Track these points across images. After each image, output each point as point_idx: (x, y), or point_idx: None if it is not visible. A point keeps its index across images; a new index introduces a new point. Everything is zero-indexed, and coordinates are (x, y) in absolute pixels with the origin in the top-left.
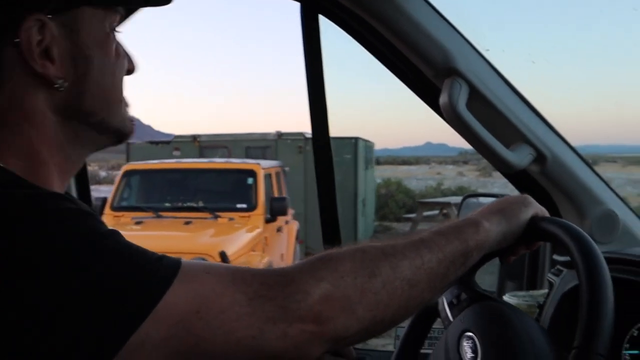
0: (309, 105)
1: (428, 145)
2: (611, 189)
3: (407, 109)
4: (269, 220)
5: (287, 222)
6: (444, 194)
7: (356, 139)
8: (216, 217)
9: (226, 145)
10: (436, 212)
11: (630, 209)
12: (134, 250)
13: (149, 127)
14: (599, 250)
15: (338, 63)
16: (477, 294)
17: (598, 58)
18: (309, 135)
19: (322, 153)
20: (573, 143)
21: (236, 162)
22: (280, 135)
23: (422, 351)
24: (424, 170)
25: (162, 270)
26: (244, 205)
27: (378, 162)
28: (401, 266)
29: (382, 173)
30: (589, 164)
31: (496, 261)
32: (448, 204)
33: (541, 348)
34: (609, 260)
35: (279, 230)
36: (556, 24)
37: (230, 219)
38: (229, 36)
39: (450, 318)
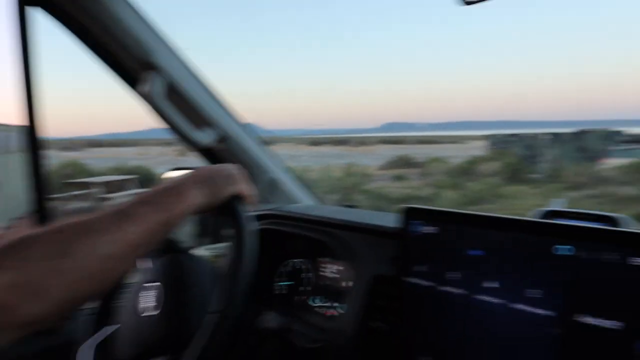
0: (23, 99)
1: (153, 130)
2: (277, 162)
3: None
4: None
5: None
6: (121, 172)
7: None
8: None
9: None
10: (83, 191)
11: (290, 176)
12: None
13: None
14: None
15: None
16: (170, 245)
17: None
18: None
19: (33, 145)
20: (263, 128)
21: None
22: None
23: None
24: (134, 151)
25: None
26: None
27: (101, 145)
28: (99, 242)
29: (100, 154)
30: (261, 143)
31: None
32: (88, 184)
33: (205, 284)
34: (270, 216)
35: None
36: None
37: None
38: None
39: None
